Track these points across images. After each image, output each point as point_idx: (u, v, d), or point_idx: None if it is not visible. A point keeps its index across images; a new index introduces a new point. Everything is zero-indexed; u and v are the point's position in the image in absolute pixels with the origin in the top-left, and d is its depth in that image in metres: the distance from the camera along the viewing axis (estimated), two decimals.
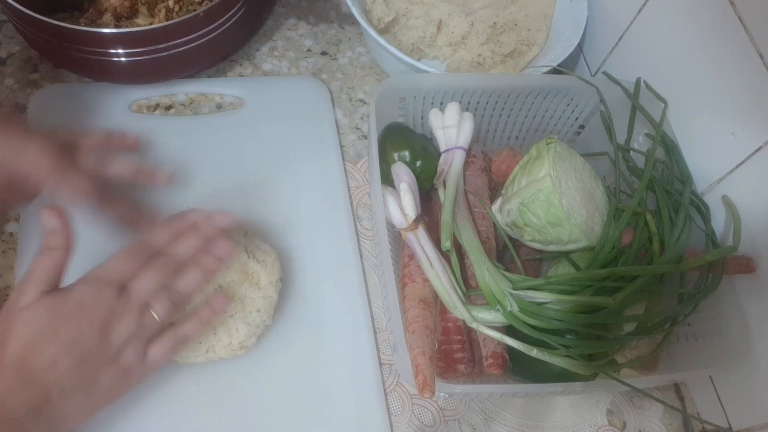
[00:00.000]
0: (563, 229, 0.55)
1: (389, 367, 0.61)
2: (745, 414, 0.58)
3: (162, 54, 0.64)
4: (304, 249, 0.64)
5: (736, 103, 0.57)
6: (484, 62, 0.75)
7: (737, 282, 0.57)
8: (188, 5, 0.70)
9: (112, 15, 0.68)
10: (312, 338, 0.60)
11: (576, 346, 0.51)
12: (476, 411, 0.60)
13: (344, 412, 0.57)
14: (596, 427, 0.62)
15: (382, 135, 0.63)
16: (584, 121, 0.71)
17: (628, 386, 0.51)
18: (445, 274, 0.53)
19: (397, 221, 0.56)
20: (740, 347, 0.54)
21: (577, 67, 0.81)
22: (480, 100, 0.65)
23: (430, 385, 0.48)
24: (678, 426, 0.63)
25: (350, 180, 0.70)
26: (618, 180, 0.61)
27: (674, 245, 0.54)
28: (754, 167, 0.56)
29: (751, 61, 0.53)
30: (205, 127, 0.70)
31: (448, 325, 0.55)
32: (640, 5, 0.67)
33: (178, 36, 0.64)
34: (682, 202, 0.58)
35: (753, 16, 0.53)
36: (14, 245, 0.60)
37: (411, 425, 0.59)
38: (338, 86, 0.77)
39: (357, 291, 0.63)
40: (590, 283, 0.52)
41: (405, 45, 0.75)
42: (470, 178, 0.63)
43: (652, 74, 0.65)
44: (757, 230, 0.56)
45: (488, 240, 0.59)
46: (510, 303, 0.51)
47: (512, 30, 0.77)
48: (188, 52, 0.65)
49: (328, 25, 0.82)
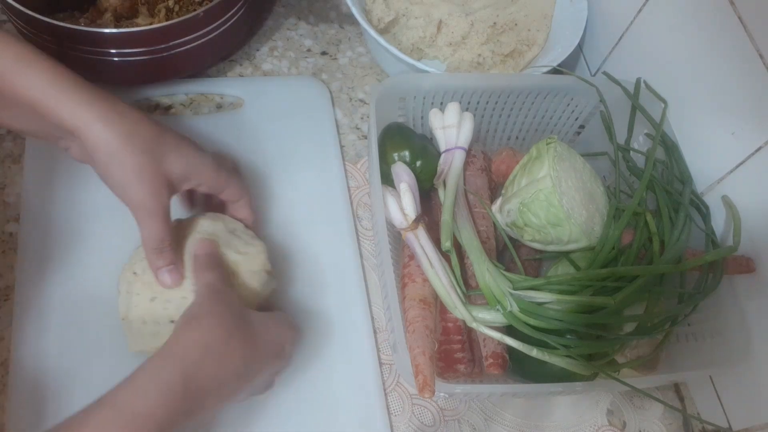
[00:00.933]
0: (563, 229, 0.55)
1: (389, 367, 0.61)
2: (745, 414, 0.58)
3: (162, 54, 0.64)
4: (304, 249, 0.64)
5: (736, 103, 0.57)
6: (484, 62, 0.75)
7: (737, 282, 0.57)
8: (188, 5, 0.70)
9: (112, 15, 0.68)
10: (312, 338, 0.60)
11: (576, 346, 0.51)
12: (476, 411, 0.60)
13: (344, 412, 0.57)
14: (596, 427, 0.62)
15: (382, 135, 0.63)
16: (584, 121, 0.71)
17: (628, 386, 0.51)
18: (445, 274, 0.53)
19: (397, 221, 0.56)
20: (740, 347, 0.54)
21: (577, 67, 0.81)
22: (480, 100, 0.65)
23: (430, 385, 0.48)
24: (678, 426, 0.63)
25: (350, 180, 0.70)
26: (618, 180, 0.61)
27: (674, 245, 0.55)
28: (754, 167, 0.56)
29: (751, 61, 0.53)
30: (205, 127, 0.70)
31: (448, 325, 0.55)
32: (640, 5, 0.67)
33: (178, 36, 0.64)
34: (682, 202, 0.58)
35: (753, 17, 0.53)
36: (14, 245, 0.60)
37: (411, 425, 0.59)
38: (338, 86, 0.77)
39: (357, 291, 0.63)
40: (590, 283, 0.52)
41: (405, 45, 0.75)
42: (470, 178, 0.63)
43: (652, 74, 0.65)
44: (757, 230, 0.56)
45: (488, 240, 0.59)
46: (510, 303, 0.51)
47: (512, 30, 0.77)
48: (188, 52, 0.65)
49: (328, 25, 0.82)
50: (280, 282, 0.58)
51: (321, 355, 0.59)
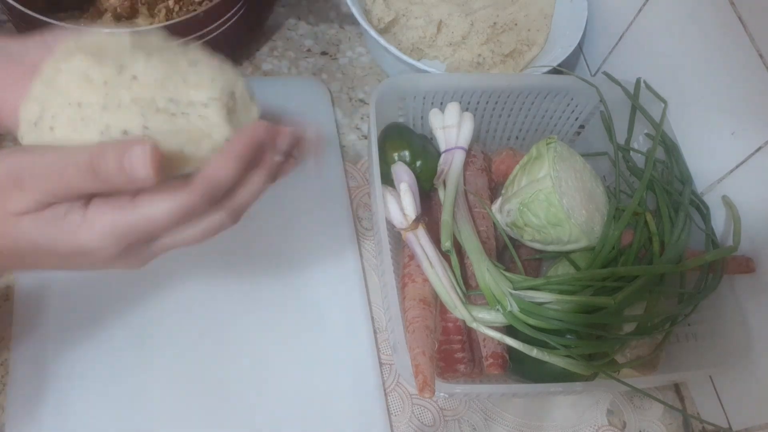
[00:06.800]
0: (563, 229, 0.55)
1: (389, 367, 0.61)
2: (745, 414, 0.58)
3: None
4: (303, 249, 0.64)
5: (736, 103, 0.57)
6: (484, 62, 0.75)
7: (737, 282, 0.57)
8: (188, 5, 0.70)
9: (112, 15, 0.68)
10: (312, 338, 0.60)
11: (576, 346, 0.51)
12: (476, 411, 0.60)
13: (344, 412, 0.57)
14: (596, 427, 0.62)
15: (382, 135, 0.63)
16: (584, 121, 0.71)
17: (628, 386, 0.51)
18: (445, 274, 0.53)
19: (397, 221, 0.56)
20: (740, 347, 0.54)
21: (577, 67, 0.81)
22: (480, 100, 0.65)
23: (430, 385, 0.48)
24: (678, 426, 0.63)
25: (350, 180, 0.70)
26: (618, 180, 0.61)
27: (674, 245, 0.55)
28: (754, 167, 0.56)
29: (751, 61, 0.53)
30: None
31: (448, 325, 0.55)
32: (640, 5, 0.67)
33: (178, 36, 0.63)
34: (682, 202, 0.58)
35: (753, 16, 0.53)
36: None
37: (411, 425, 0.59)
38: (338, 86, 0.77)
39: (357, 291, 0.63)
40: (590, 283, 0.52)
41: (405, 45, 0.76)
42: (470, 178, 0.63)
43: (652, 74, 0.65)
44: (757, 230, 0.56)
45: (488, 240, 0.59)
46: (510, 303, 0.51)
47: (512, 30, 0.77)
48: None
49: (328, 25, 0.82)
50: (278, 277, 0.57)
51: (321, 355, 0.59)
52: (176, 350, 0.57)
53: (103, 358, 0.55)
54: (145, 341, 0.57)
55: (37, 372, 0.53)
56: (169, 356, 0.56)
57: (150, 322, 0.58)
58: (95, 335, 0.56)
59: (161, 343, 0.57)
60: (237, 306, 0.60)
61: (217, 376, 0.56)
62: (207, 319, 0.59)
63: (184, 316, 0.58)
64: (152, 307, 0.58)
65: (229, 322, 0.59)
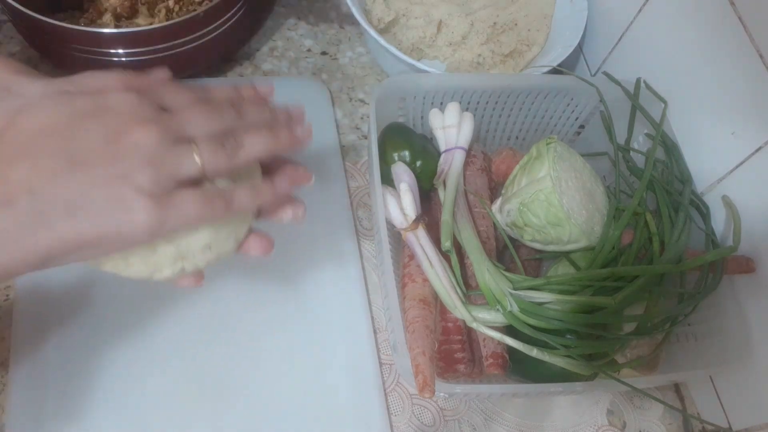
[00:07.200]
0: (563, 229, 0.55)
1: (389, 367, 0.61)
2: (745, 414, 0.58)
3: (162, 54, 0.64)
4: (303, 249, 0.64)
5: (736, 103, 0.57)
6: (484, 62, 0.75)
7: (737, 282, 0.57)
8: (188, 5, 0.70)
9: (112, 15, 0.68)
10: (312, 338, 0.60)
11: (576, 346, 0.51)
12: (476, 411, 0.60)
13: (344, 412, 0.57)
14: (596, 427, 0.62)
15: (382, 135, 0.63)
16: (584, 121, 0.71)
17: (628, 386, 0.51)
18: (445, 274, 0.53)
19: (397, 221, 0.56)
20: (740, 347, 0.54)
21: (577, 67, 0.81)
22: (480, 100, 0.65)
23: (430, 385, 0.48)
24: (678, 426, 0.63)
25: (350, 180, 0.70)
26: (618, 180, 0.61)
27: (674, 245, 0.55)
28: (754, 167, 0.56)
29: (751, 61, 0.53)
30: None
31: (448, 325, 0.55)
32: (640, 5, 0.67)
33: (178, 36, 0.64)
34: (682, 202, 0.58)
35: (753, 16, 0.53)
36: None
37: (411, 425, 0.59)
38: (338, 86, 0.77)
39: (357, 291, 0.63)
40: (590, 283, 0.52)
41: (405, 45, 0.76)
42: (470, 178, 0.63)
43: (652, 74, 0.65)
44: (757, 230, 0.56)
45: (488, 240, 0.59)
46: (510, 303, 0.51)
47: (512, 30, 0.77)
48: (188, 52, 0.65)
49: (328, 25, 0.82)
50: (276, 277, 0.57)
51: (321, 355, 0.59)
52: (176, 349, 0.57)
53: (104, 358, 0.55)
54: (145, 341, 0.57)
55: (37, 372, 0.53)
56: (168, 355, 0.56)
57: (150, 321, 0.58)
58: (95, 335, 0.56)
59: (161, 343, 0.57)
60: (236, 306, 0.60)
61: (217, 376, 0.56)
62: (207, 319, 0.59)
63: (184, 316, 0.58)
64: (152, 307, 0.58)
65: (228, 322, 0.59)
